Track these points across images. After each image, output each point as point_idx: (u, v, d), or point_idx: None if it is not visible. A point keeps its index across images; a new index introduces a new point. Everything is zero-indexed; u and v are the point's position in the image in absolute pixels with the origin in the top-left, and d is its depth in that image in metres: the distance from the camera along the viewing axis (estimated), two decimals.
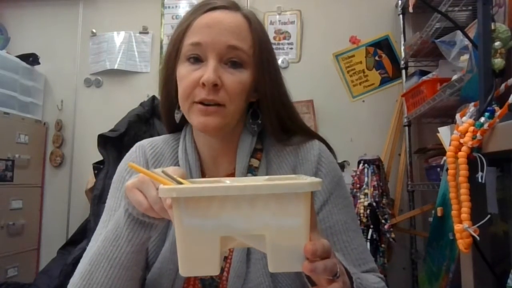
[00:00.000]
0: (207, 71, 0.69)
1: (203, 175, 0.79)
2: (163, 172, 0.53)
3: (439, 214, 0.74)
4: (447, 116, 2.02)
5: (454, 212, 0.68)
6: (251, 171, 0.77)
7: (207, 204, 0.46)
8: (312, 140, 0.81)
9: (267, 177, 0.64)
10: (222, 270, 0.72)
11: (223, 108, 0.71)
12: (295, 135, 0.82)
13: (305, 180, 0.49)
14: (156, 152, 0.82)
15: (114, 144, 2.16)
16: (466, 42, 1.47)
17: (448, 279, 0.60)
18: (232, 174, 0.78)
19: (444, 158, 0.72)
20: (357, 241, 0.75)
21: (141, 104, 2.38)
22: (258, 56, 0.74)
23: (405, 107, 2.20)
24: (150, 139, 0.86)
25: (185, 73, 0.72)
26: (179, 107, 0.79)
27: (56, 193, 2.63)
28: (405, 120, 2.22)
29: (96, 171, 2.23)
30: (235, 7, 0.77)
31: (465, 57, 1.39)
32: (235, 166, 0.77)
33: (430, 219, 1.91)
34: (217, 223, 0.47)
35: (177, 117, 0.80)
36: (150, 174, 0.53)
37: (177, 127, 0.84)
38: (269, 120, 0.79)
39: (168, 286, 0.71)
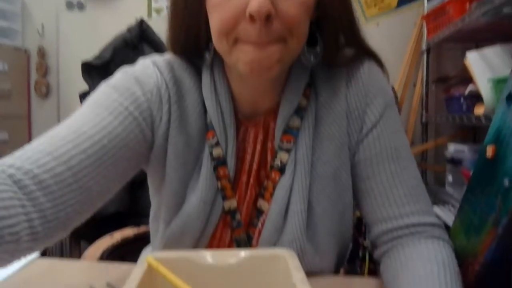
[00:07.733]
0: None
1: (236, 118, 0.64)
2: None
3: (489, 154, 0.61)
4: (471, 41, 1.82)
5: None
6: (298, 112, 0.63)
7: None
8: (360, 59, 0.65)
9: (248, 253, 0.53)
10: (257, 223, 0.64)
11: (283, 44, 0.53)
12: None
13: None
14: (176, 78, 0.63)
15: (100, 72, 1.99)
16: None
17: (495, 235, 0.52)
18: (273, 112, 0.64)
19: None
20: (408, 173, 0.62)
21: (128, 29, 2.15)
22: None
23: (425, 31, 1.98)
24: (159, 58, 0.65)
25: (220, 0, 0.52)
26: (207, 44, 0.60)
27: (44, 125, 2.46)
28: (424, 45, 2.01)
29: (83, 102, 2.08)
30: None
31: None
32: (277, 103, 0.63)
33: (447, 153, 1.80)
34: None
35: (208, 59, 0.61)
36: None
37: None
38: (330, 44, 0.61)
39: (191, 244, 0.64)
